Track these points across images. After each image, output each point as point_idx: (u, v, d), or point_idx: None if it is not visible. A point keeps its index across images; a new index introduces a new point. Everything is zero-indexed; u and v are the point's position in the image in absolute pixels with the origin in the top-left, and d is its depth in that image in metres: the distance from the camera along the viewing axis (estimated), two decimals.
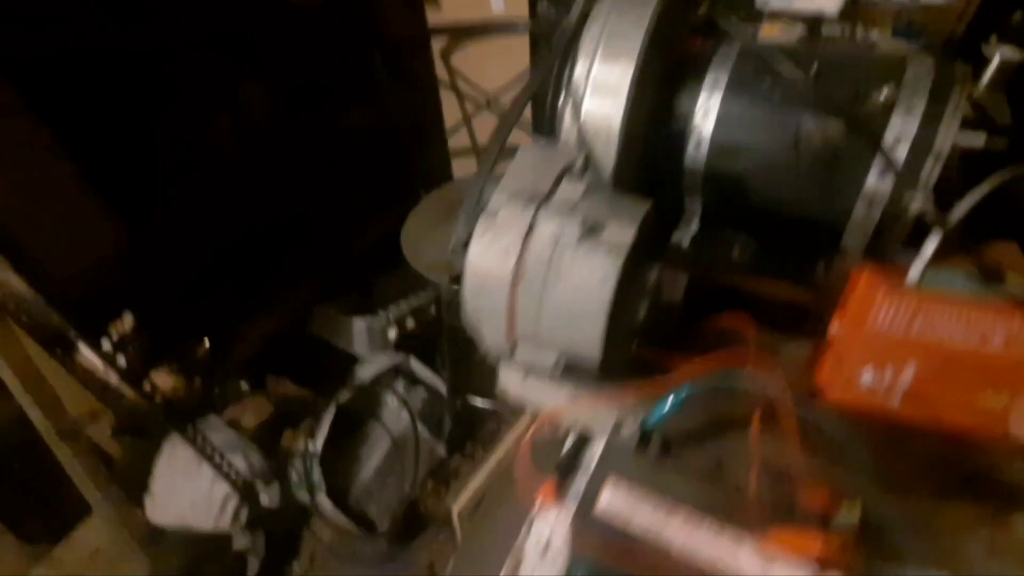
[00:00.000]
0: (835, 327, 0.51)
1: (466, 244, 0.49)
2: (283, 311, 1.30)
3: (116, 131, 1.04)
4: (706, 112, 0.56)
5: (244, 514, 1.33)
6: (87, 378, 1.02)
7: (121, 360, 1.01)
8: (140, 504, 1.32)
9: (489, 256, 0.47)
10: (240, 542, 1.36)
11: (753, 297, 0.48)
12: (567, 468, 0.52)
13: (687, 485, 0.39)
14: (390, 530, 1.41)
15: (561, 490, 0.50)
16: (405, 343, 1.54)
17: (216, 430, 1.33)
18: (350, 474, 1.40)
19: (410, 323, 1.54)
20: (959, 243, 0.44)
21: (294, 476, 1.35)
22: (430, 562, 1.20)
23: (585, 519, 0.36)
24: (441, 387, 1.53)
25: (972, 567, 0.40)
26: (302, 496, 1.34)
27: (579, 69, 0.52)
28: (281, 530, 1.44)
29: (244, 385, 1.54)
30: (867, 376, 0.47)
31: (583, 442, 0.54)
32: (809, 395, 0.50)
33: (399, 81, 1.32)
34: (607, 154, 0.53)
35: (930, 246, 0.44)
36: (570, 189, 0.47)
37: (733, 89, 0.56)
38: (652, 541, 0.36)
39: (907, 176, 0.49)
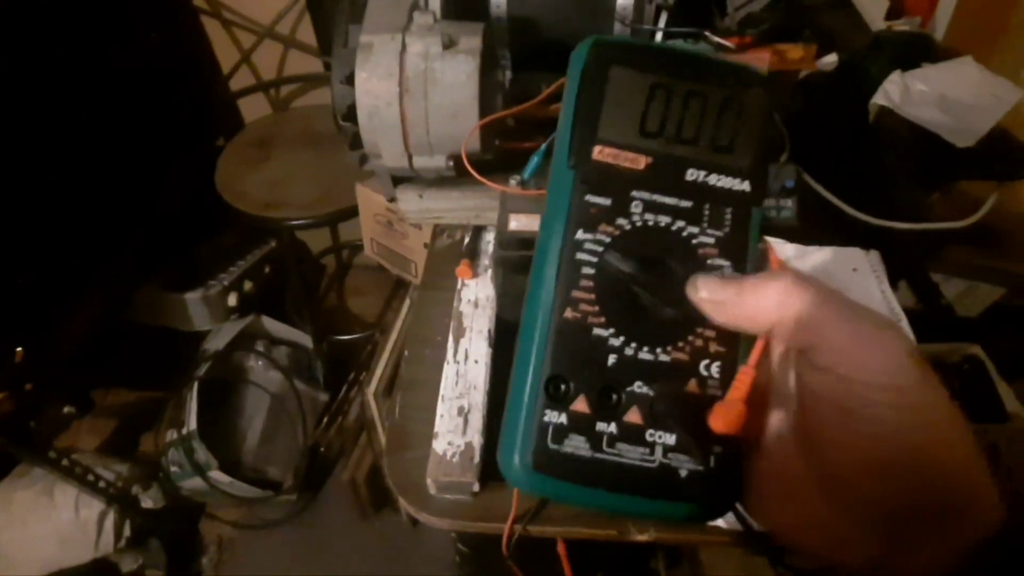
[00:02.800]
0: None
1: (348, 80, 0.57)
2: (100, 296, 1.17)
3: None
4: None
5: (128, 527, 1.22)
6: None
7: None
8: None
9: (375, 78, 0.57)
10: (131, 560, 1.25)
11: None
12: (472, 253, 0.67)
13: None
14: (296, 483, 1.41)
15: (473, 268, 0.65)
16: (246, 307, 1.49)
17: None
18: (237, 444, 1.35)
19: (247, 285, 1.49)
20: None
21: (174, 468, 1.26)
22: (351, 478, 1.25)
23: (504, 234, 0.51)
24: (301, 338, 1.53)
25: None
26: (192, 484, 1.27)
27: None
28: (175, 532, 1.35)
29: (69, 409, 1.36)
30: None
31: (479, 232, 0.69)
32: None
33: (159, 26, 1.22)
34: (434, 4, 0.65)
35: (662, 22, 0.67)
36: (422, 18, 0.58)
37: None
38: None
39: None
